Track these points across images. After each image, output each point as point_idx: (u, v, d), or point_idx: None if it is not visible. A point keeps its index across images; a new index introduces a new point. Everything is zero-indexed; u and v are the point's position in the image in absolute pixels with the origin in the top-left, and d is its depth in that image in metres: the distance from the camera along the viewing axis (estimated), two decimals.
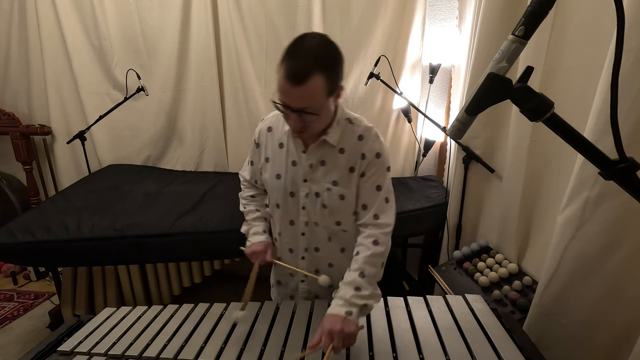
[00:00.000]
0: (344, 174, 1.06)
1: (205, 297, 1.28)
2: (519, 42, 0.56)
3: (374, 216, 1.06)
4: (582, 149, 0.57)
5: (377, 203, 1.07)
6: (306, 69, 0.88)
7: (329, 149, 1.06)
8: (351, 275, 0.99)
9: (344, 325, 0.88)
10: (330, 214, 1.10)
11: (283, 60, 0.90)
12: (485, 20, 1.60)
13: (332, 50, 0.93)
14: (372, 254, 1.01)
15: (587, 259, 1.05)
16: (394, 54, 2.27)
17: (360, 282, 0.97)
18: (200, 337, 1.03)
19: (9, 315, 2.28)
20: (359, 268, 0.99)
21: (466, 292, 1.20)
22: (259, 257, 1.16)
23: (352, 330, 0.89)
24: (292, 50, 0.91)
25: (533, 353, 0.93)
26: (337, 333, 0.87)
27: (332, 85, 0.94)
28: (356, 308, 0.93)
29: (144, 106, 2.55)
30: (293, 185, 1.10)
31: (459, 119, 0.62)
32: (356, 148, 1.06)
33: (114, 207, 1.94)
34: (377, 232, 1.04)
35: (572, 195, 1.06)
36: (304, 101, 0.91)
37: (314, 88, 0.89)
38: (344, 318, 0.90)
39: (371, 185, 1.06)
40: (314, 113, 0.93)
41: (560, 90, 1.28)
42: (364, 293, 0.95)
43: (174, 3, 2.34)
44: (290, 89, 0.89)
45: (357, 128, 1.07)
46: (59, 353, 1.02)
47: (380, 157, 1.06)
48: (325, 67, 0.90)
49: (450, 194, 1.98)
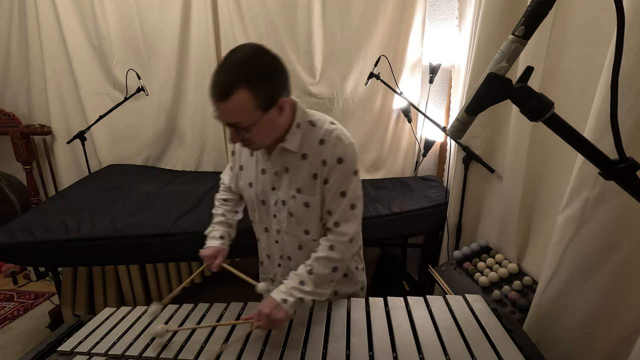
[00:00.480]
0: (307, 180, 1.03)
1: (205, 297, 1.28)
2: (519, 42, 0.56)
3: (334, 223, 1.04)
4: (582, 149, 0.57)
5: (340, 210, 1.03)
6: (229, 84, 0.85)
7: (291, 156, 1.03)
8: (301, 268, 1.03)
9: (273, 310, 0.94)
10: (297, 222, 1.08)
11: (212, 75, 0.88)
12: (485, 20, 1.60)
13: (262, 63, 0.89)
14: (324, 257, 1.02)
15: (587, 259, 1.05)
16: (394, 54, 2.27)
17: (306, 278, 1.01)
18: (200, 337, 1.03)
19: (9, 315, 2.28)
20: (309, 265, 1.03)
21: (466, 292, 1.20)
22: (208, 260, 1.17)
23: (279, 317, 0.95)
24: (221, 64, 0.89)
25: (533, 353, 0.93)
26: (265, 315, 0.94)
27: (264, 100, 0.89)
28: (293, 299, 0.98)
29: (144, 106, 2.56)
30: (263, 193, 1.10)
31: (459, 119, 0.62)
32: (318, 153, 1.00)
33: (114, 207, 1.94)
34: (335, 239, 1.04)
35: (572, 195, 1.05)
36: (231, 117, 0.89)
37: (239, 104, 0.86)
38: (277, 304, 0.96)
39: (335, 191, 1.02)
40: (246, 128, 0.90)
41: (560, 90, 1.28)
42: (305, 288, 0.99)
43: (174, 3, 2.34)
44: (216, 104, 0.88)
45: (318, 131, 1.01)
46: (59, 353, 1.02)
47: (343, 162, 1.00)
48: (252, 81, 0.86)
49: (450, 194, 1.98)
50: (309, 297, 1.00)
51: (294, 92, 2.37)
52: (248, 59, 0.88)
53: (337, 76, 2.35)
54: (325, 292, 1.04)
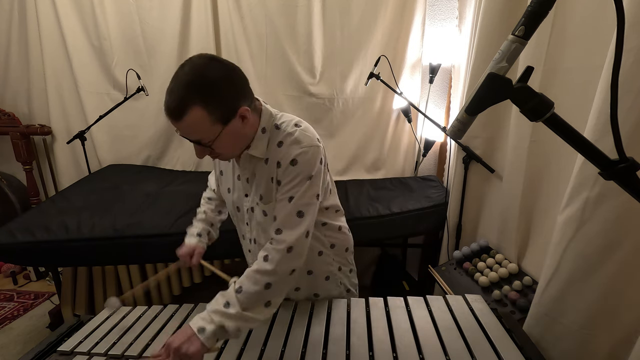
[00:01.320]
0: (267, 186, 0.97)
1: (205, 297, 1.27)
2: (519, 42, 0.56)
3: (276, 230, 0.92)
4: (582, 149, 0.57)
5: (284, 214, 0.92)
6: (180, 104, 0.81)
7: (257, 162, 0.98)
8: (231, 286, 0.89)
9: (183, 343, 0.79)
10: (264, 231, 1.03)
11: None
12: (485, 20, 1.60)
13: (213, 76, 0.83)
14: (256, 270, 0.89)
15: (587, 259, 1.05)
16: (394, 54, 2.27)
17: (233, 298, 0.85)
18: None
19: (9, 315, 2.28)
20: (240, 281, 0.89)
21: (466, 292, 1.20)
22: (182, 258, 1.18)
23: (192, 351, 0.79)
24: (171, 81, 0.85)
25: (533, 353, 0.93)
26: (174, 351, 0.79)
27: (222, 113, 0.85)
28: (212, 326, 0.82)
29: (144, 106, 2.55)
30: (239, 200, 1.08)
31: (459, 119, 0.62)
32: (275, 155, 0.95)
33: (114, 207, 1.94)
34: (271, 247, 0.91)
35: (572, 195, 1.05)
36: (191, 134, 0.86)
37: (194, 121, 0.83)
38: (192, 334, 0.81)
39: (283, 195, 0.94)
40: (207, 145, 0.88)
41: (560, 90, 1.28)
42: (230, 311, 0.84)
43: (174, 3, 2.34)
44: (173, 124, 0.85)
45: (280, 134, 0.96)
46: (59, 353, 1.02)
47: (297, 165, 0.92)
48: (204, 97, 0.82)
49: (450, 194, 1.98)
50: (233, 324, 0.83)
51: (294, 92, 2.41)
52: (197, 75, 0.83)
53: (337, 76, 2.35)
54: (257, 318, 0.86)
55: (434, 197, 2.12)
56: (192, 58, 0.86)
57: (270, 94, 2.41)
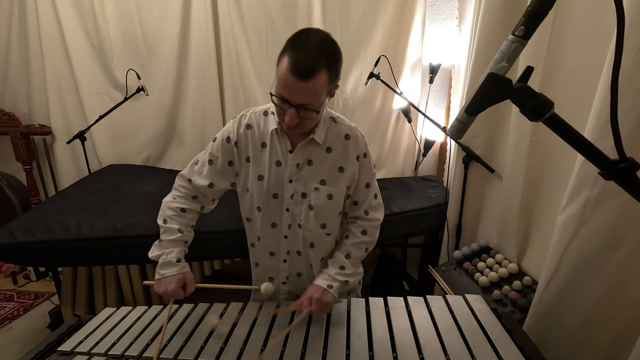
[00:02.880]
0: (332, 173, 1.06)
1: (205, 297, 1.28)
2: (519, 42, 0.56)
3: (364, 212, 1.14)
4: (582, 149, 0.57)
5: (367, 200, 1.13)
6: (313, 64, 0.85)
7: (316, 148, 1.05)
8: (338, 255, 1.13)
9: (322, 295, 1.03)
10: (316, 216, 1.09)
11: (287, 53, 0.86)
12: (485, 20, 1.60)
13: (336, 48, 0.91)
14: (360, 242, 1.13)
15: (587, 259, 1.05)
16: (394, 54, 2.27)
17: (345, 262, 1.11)
18: (200, 337, 1.03)
19: (9, 315, 2.28)
20: (345, 250, 1.13)
21: (466, 292, 1.20)
22: (174, 295, 1.03)
23: (328, 300, 1.04)
24: (298, 43, 0.88)
25: (533, 353, 0.93)
26: (316, 300, 1.02)
27: (333, 84, 0.93)
28: (337, 283, 1.07)
29: (144, 106, 2.55)
30: (277, 186, 1.07)
31: (459, 119, 0.62)
32: (344, 148, 1.06)
33: (114, 207, 1.94)
34: (367, 224, 1.15)
35: (572, 195, 1.06)
36: (307, 97, 0.89)
37: (318, 84, 0.87)
38: (324, 289, 1.04)
39: (361, 183, 1.11)
40: (313, 110, 0.91)
41: (560, 90, 1.28)
42: (347, 272, 1.10)
43: (174, 3, 2.34)
44: (294, 83, 0.85)
45: (341, 127, 1.07)
46: (59, 353, 1.02)
47: (367, 157, 1.10)
48: (331, 64, 0.89)
49: (450, 194, 1.98)
50: (352, 279, 1.11)
51: None
52: (329, 43, 0.90)
53: None
54: (361, 272, 1.16)
55: (434, 197, 2.12)
56: (312, 28, 0.92)
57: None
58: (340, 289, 1.09)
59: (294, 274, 1.20)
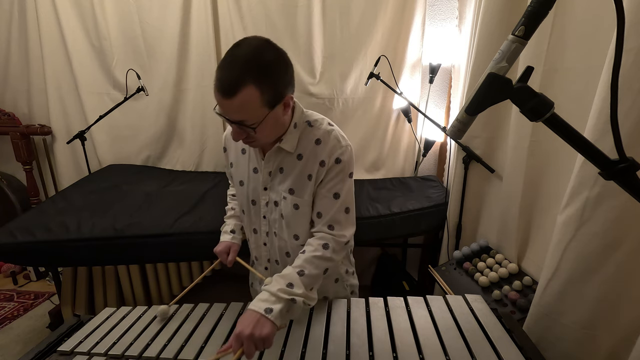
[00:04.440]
0: (301, 181, 1.00)
1: (205, 297, 1.28)
2: (519, 42, 0.56)
3: (328, 226, 0.99)
4: (582, 149, 0.57)
5: (333, 212, 0.99)
6: (235, 80, 0.81)
7: (287, 156, 1.00)
8: (288, 270, 0.92)
9: (255, 329, 0.79)
10: (287, 226, 1.05)
11: (216, 70, 0.84)
12: (485, 20, 1.60)
13: (269, 58, 0.85)
14: (318, 256, 0.94)
15: (587, 259, 1.05)
16: (394, 54, 2.27)
17: (296, 279, 0.89)
18: (200, 337, 1.03)
19: (9, 315, 2.28)
20: (299, 266, 0.92)
21: (466, 292, 1.20)
22: (220, 256, 1.18)
23: (264, 334, 0.79)
24: (225, 58, 0.84)
25: (533, 353, 0.93)
26: (247, 338, 0.78)
27: (272, 96, 0.86)
28: (281, 304, 0.84)
29: (144, 106, 2.55)
30: (254, 193, 1.08)
31: (459, 119, 0.62)
32: (314, 153, 0.98)
33: (114, 207, 1.94)
34: (330, 237, 0.98)
35: (572, 195, 1.05)
36: (237, 114, 0.85)
37: (245, 100, 0.82)
38: (260, 316, 0.81)
39: (327, 192, 0.99)
40: (251, 127, 0.87)
41: (560, 90, 1.28)
42: (295, 291, 0.87)
43: (174, 3, 2.34)
44: (222, 101, 0.84)
45: (316, 131, 0.99)
46: (59, 353, 1.02)
47: (340, 162, 0.97)
48: (259, 77, 0.82)
49: (450, 194, 1.98)
50: (300, 299, 0.88)
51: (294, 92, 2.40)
52: (254, 54, 0.83)
53: (337, 76, 2.35)
54: (315, 297, 0.93)
55: (434, 197, 2.12)
56: (247, 38, 0.86)
57: None
58: (284, 312, 0.85)
59: None
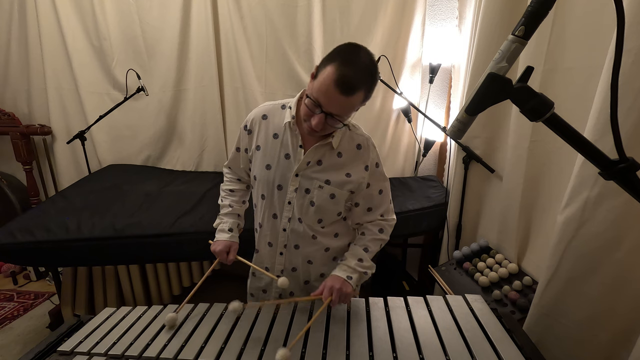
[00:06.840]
0: (339, 176, 1.09)
1: (205, 297, 1.28)
2: (519, 42, 0.56)
3: (380, 215, 1.19)
4: (582, 149, 0.57)
5: (382, 204, 1.19)
6: (358, 82, 0.91)
7: (328, 150, 1.09)
8: (356, 249, 1.16)
9: (342, 286, 1.05)
10: (316, 212, 1.12)
11: (335, 64, 0.90)
12: (485, 20, 1.60)
13: (377, 71, 0.99)
14: (377, 238, 1.18)
15: (587, 259, 1.05)
16: (394, 54, 2.27)
17: (364, 254, 1.14)
18: (200, 337, 1.03)
19: (9, 315, 2.28)
20: (364, 244, 1.16)
21: (466, 292, 1.20)
22: (220, 256, 1.18)
23: (348, 291, 1.06)
24: (348, 58, 0.92)
25: (533, 353, 0.93)
26: (337, 290, 1.04)
27: (365, 102, 1.00)
28: (356, 274, 1.10)
29: (144, 106, 2.56)
30: (282, 178, 1.11)
31: (459, 119, 0.62)
32: (355, 156, 1.11)
33: (114, 207, 1.94)
34: (385, 223, 1.20)
35: (572, 195, 1.06)
36: (341, 110, 0.95)
37: (355, 101, 0.93)
38: (344, 280, 1.07)
39: (374, 190, 1.16)
40: (341, 121, 0.97)
41: (560, 90, 1.28)
42: (365, 264, 1.13)
43: (174, 3, 2.34)
44: (335, 95, 0.91)
45: (355, 136, 1.12)
46: (59, 353, 1.02)
47: (379, 166, 1.16)
48: (370, 85, 0.96)
49: (450, 194, 1.98)
50: (369, 271, 1.14)
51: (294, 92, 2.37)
52: (373, 64, 0.96)
53: None
54: (374, 265, 1.18)
55: (434, 197, 2.12)
56: (363, 47, 0.96)
57: (270, 94, 2.41)
58: (358, 281, 1.12)
59: (289, 268, 1.21)
